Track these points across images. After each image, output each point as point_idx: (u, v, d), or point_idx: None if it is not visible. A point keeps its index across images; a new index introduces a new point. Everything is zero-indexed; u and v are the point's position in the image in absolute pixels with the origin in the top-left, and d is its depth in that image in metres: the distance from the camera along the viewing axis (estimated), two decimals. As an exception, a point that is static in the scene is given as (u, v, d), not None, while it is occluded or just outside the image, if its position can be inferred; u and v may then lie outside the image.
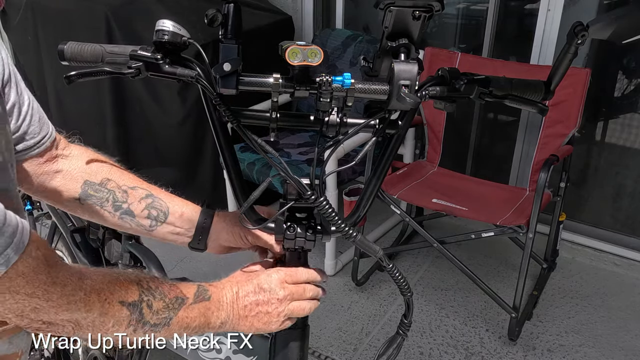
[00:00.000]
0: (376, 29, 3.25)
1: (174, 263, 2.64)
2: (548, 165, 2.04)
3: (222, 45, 0.75)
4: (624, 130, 2.79)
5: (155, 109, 2.79)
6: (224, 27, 0.74)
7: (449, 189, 2.37)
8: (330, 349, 2.16)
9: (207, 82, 0.79)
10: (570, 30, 0.87)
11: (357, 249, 2.45)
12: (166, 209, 0.96)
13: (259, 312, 0.83)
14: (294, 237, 0.86)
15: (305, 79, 0.77)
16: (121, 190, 0.95)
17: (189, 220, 0.97)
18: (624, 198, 2.82)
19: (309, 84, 0.77)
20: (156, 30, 0.76)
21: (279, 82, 0.77)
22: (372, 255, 0.86)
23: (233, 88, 0.76)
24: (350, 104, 0.78)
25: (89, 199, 0.94)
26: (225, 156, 0.85)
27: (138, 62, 0.77)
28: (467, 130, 3.01)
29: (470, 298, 2.43)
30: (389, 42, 0.78)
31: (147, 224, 0.96)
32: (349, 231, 0.80)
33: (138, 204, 0.95)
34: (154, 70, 0.78)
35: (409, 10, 0.75)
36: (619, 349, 2.16)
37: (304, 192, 0.79)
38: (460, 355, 2.14)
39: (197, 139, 2.77)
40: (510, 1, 2.80)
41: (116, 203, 0.94)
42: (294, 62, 0.72)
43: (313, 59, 0.72)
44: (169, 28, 0.76)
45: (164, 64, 0.78)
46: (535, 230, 2.05)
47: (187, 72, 0.78)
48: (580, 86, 2.22)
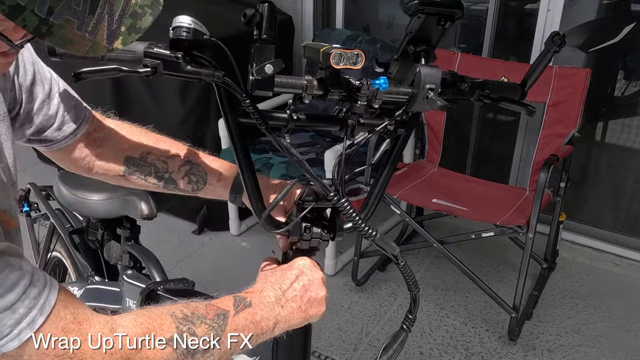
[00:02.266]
0: (376, 29, 3.25)
1: (173, 263, 2.64)
2: (548, 165, 2.04)
3: (258, 46, 0.72)
4: (624, 130, 2.79)
5: (155, 109, 2.79)
6: (258, 28, 0.72)
7: (449, 189, 2.37)
8: (330, 349, 2.16)
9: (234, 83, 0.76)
10: (549, 38, 0.92)
11: (357, 249, 2.45)
12: (204, 174, 0.99)
13: (310, 298, 0.82)
14: (310, 237, 0.86)
15: (337, 81, 0.77)
16: (160, 161, 0.98)
17: (226, 184, 1.00)
18: (624, 198, 2.82)
19: (340, 86, 0.78)
20: (174, 27, 0.73)
21: (312, 84, 0.76)
22: (388, 252, 0.86)
23: (270, 90, 0.75)
24: (377, 106, 0.79)
25: (132, 174, 0.98)
26: (241, 159, 0.84)
27: (155, 60, 0.73)
28: (467, 130, 3.01)
29: (470, 298, 2.43)
30: (412, 46, 0.81)
31: (189, 189, 0.99)
32: (368, 230, 0.81)
33: (178, 172, 0.98)
34: (172, 70, 0.74)
35: (435, 17, 0.78)
36: (619, 349, 2.16)
37: (328, 193, 0.80)
38: (460, 355, 2.14)
39: (197, 139, 2.77)
40: (510, 1, 2.80)
41: (158, 174, 0.98)
42: (338, 66, 0.71)
43: (356, 62, 0.72)
44: (190, 25, 0.72)
45: (185, 63, 0.74)
46: (535, 230, 2.04)
47: (213, 73, 0.75)
48: (580, 86, 2.22)
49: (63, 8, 0.51)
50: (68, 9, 0.51)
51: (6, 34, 0.56)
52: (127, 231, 1.35)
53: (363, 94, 0.76)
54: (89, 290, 1.35)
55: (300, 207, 0.84)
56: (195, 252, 2.78)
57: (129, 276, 1.25)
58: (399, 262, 0.87)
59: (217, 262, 2.69)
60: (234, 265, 2.64)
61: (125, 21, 0.56)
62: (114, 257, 1.34)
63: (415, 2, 0.76)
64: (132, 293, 1.17)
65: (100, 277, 1.44)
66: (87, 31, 0.53)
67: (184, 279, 1.16)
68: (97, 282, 1.40)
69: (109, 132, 0.99)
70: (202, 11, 2.55)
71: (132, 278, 1.24)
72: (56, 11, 0.51)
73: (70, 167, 0.99)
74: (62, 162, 0.98)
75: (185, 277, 1.18)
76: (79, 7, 0.52)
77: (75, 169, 0.99)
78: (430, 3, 0.77)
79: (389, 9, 3.23)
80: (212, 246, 2.83)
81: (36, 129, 0.88)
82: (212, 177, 1.00)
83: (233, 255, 2.74)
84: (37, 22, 0.51)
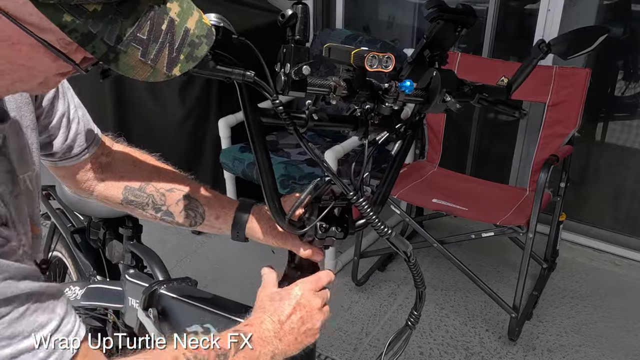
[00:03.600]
0: (376, 29, 3.25)
1: (174, 262, 2.64)
2: (548, 166, 2.04)
3: (293, 47, 0.72)
4: (624, 130, 2.79)
5: (155, 109, 2.79)
6: (292, 29, 0.73)
7: (449, 189, 2.37)
8: (330, 349, 2.16)
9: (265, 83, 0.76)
10: (535, 46, 0.99)
11: (357, 249, 2.45)
12: (202, 210, 0.99)
13: (307, 330, 0.84)
14: (324, 236, 0.86)
15: (364, 83, 0.78)
16: (159, 194, 0.98)
17: (224, 221, 0.99)
18: (624, 198, 2.82)
19: (366, 88, 0.79)
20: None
21: (340, 85, 0.77)
22: (400, 250, 0.87)
23: (304, 90, 0.75)
24: (397, 107, 0.81)
25: (130, 204, 0.98)
26: (260, 161, 0.83)
27: None
28: (467, 130, 3.01)
29: (470, 298, 2.43)
30: (429, 50, 0.85)
31: (187, 223, 0.99)
32: (384, 229, 0.82)
33: (176, 206, 0.98)
34: (202, 68, 0.73)
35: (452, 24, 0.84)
36: (619, 349, 2.16)
37: (348, 192, 0.81)
38: (460, 355, 2.14)
39: (197, 139, 2.78)
40: (510, 1, 2.80)
41: (156, 206, 0.98)
42: (372, 68, 0.73)
43: (387, 64, 0.74)
44: (220, 23, 0.72)
45: (214, 62, 0.74)
46: (535, 230, 2.05)
47: (244, 73, 0.74)
48: (580, 86, 2.23)
49: (130, 37, 0.54)
50: (134, 38, 0.55)
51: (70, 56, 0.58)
52: (129, 230, 1.35)
53: (390, 95, 0.78)
54: (91, 289, 1.35)
55: (318, 207, 0.84)
56: (195, 251, 2.78)
57: (131, 275, 1.25)
58: (411, 260, 0.89)
59: (217, 262, 2.69)
60: (234, 265, 2.64)
61: (184, 50, 0.59)
62: (116, 256, 1.34)
63: (435, 9, 0.82)
64: (135, 292, 1.17)
65: (102, 277, 1.44)
66: (150, 59, 0.57)
67: (187, 278, 1.17)
68: (99, 282, 1.40)
69: (114, 157, 1.00)
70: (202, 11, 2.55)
71: (135, 277, 1.24)
72: (124, 40, 0.54)
73: (72, 186, 1.00)
74: (65, 179, 0.99)
75: (188, 277, 1.18)
76: (144, 36, 0.55)
77: (77, 190, 1.00)
78: (449, 10, 0.83)
79: (389, 9, 3.23)
80: (212, 246, 2.83)
81: (49, 142, 0.89)
82: (210, 214, 0.99)
83: (233, 255, 2.74)
84: (105, 50, 0.54)
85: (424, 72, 0.83)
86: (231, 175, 2.69)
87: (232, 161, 2.60)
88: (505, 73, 2.73)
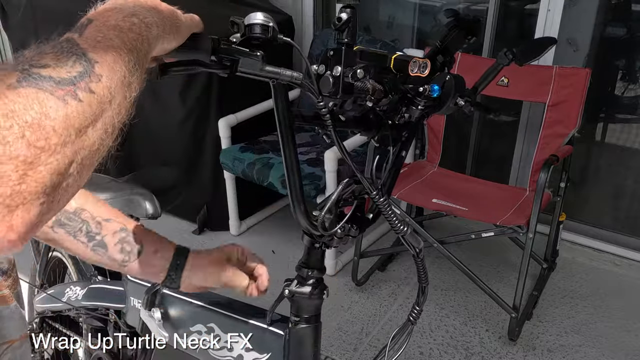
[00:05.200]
0: (376, 29, 3.25)
1: (174, 263, 2.64)
2: (548, 166, 2.05)
3: (343, 49, 0.73)
4: (624, 130, 2.80)
5: (155, 109, 2.79)
6: (340, 32, 0.73)
7: (449, 189, 2.37)
8: (330, 349, 2.16)
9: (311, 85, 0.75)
10: (501, 53, 1.13)
11: (357, 249, 2.45)
12: (140, 245, 0.92)
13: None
14: (343, 235, 0.86)
15: (396, 86, 0.81)
16: (95, 222, 0.92)
17: (162, 258, 0.93)
18: (624, 198, 2.82)
19: (398, 91, 0.81)
20: (251, 23, 0.69)
21: (377, 88, 0.77)
22: (413, 248, 0.89)
23: (352, 93, 0.75)
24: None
25: (62, 227, 0.91)
26: (289, 163, 0.82)
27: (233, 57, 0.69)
28: (467, 130, 3.01)
29: (470, 298, 2.44)
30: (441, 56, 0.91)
31: (120, 259, 0.92)
32: (401, 227, 0.83)
33: (112, 237, 0.91)
34: (250, 68, 0.71)
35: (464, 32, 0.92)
36: (619, 349, 2.17)
37: (371, 191, 0.82)
38: (460, 355, 2.14)
39: (197, 139, 2.78)
40: (510, 1, 2.80)
41: (90, 234, 0.91)
42: (413, 73, 0.77)
43: (425, 69, 0.79)
44: (269, 23, 0.69)
45: (263, 62, 0.71)
46: (535, 230, 2.05)
47: (292, 74, 0.73)
48: (580, 86, 2.23)
49: None
50: None
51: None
52: (129, 230, 1.34)
53: (422, 98, 0.81)
54: (92, 289, 1.35)
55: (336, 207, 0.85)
56: (196, 252, 2.78)
57: (132, 275, 1.25)
58: (419, 256, 0.90)
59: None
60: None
61: None
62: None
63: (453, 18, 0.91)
64: (137, 292, 1.17)
65: (103, 277, 1.44)
66: None
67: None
68: (100, 282, 1.40)
69: None
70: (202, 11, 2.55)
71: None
72: None
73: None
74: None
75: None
76: None
77: None
78: (465, 20, 0.94)
79: (389, 9, 3.24)
80: (212, 246, 2.81)
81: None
82: (148, 248, 0.92)
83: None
84: None
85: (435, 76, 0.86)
86: (231, 175, 2.70)
87: (232, 161, 2.60)
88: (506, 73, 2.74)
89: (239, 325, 0.98)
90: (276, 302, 0.93)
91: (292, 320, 0.92)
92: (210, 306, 1.03)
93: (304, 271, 0.90)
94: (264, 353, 0.96)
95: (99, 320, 1.40)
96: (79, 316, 1.49)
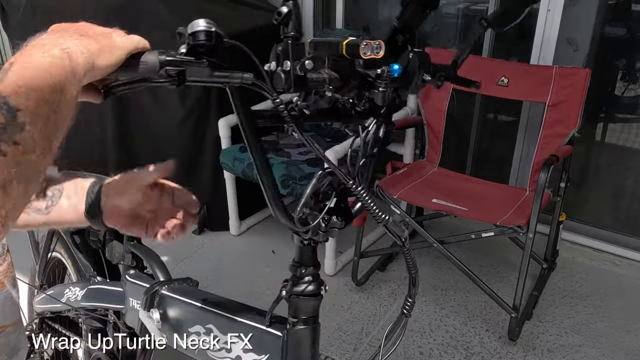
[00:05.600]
0: (376, 29, 3.25)
1: (175, 263, 2.65)
2: (548, 165, 2.04)
3: (289, 43, 0.72)
4: (624, 130, 2.79)
5: (155, 109, 2.79)
6: (287, 25, 0.72)
7: (449, 189, 2.37)
8: (330, 349, 2.16)
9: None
10: (476, 23, 1.09)
11: (357, 249, 2.45)
12: (61, 187, 0.88)
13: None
14: (328, 229, 0.86)
15: (354, 72, 0.79)
16: None
17: (82, 187, 0.89)
18: (624, 198, 2.82)
19: (356, 77, 0.80)
20: (194, 31, 0.69)
21: (333, 76, 0.77)
22: (398, 237, 0.88)
23: (306, 86, 0.75)
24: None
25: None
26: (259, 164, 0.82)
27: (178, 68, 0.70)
28: (467, 130, 3.01)
29: (470, 298, 2.43)
30: (401, 35, 0.86)
31: (43, 206, 0.87)
32: (382, 215, 0.83)
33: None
34: (198, 76, 0.71)
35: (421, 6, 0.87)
36: (619, 349, 2.17)
37: (348, 182, 0.82)
38: (460, 355, 2.14)
39: (197, 139, 2.77)
40: (510, 1, 2.80)
41: None
42: (366, 56, 0.73)
43: (379, 51, 0.74)
44: (212, 28, 0.69)
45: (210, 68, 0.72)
46: (535, 230, 2.05)
47: (242, 75, 0.72)
48: (580, 86, 2.23)
49: None
50: None
51: None
52: (129, 231, 1.34)
53: (382, 80, 0.79)
54: (92, 290, 1.35)
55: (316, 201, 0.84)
56: (196, 252, 2.78)
57: (132, 276, 1.25)
58: (405, 245, 0.90)
59: (218, 262, 2.69)
60: (235, 266, 2.64)
61: None
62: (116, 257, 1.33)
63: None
64: (136, 293, 1.17)
65: (102, 278, 1.44)
66: None
67: (188, 278, 1.16)
68: (99, 283, 1.40)
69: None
70: (202, 10, 2.55)
71: (136, 278, 1.23)
72: None
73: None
74: None
75: (189, 277, 1.18)
76: None
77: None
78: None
79: (389, 9, 3.23)
80: (212, 246, 2.83)
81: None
82: (68, 188, 0.88)
83: (233, 255, 2.74)
84: None
85: (399, 56, 0.84)
86: (231, 175, 2.70)
87: (232, 161, 2.59)
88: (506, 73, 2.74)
89: (238, 326, 0.98)
90: (275, 303, 0.92)
91: (290, 321, 0.92)
92: (209, 307, 1.03)
93: (298, 270, 0.90)
94: (263, 354, 0.95)
95: (98, 321, 1.40)
96: (79, 317, 1.49)
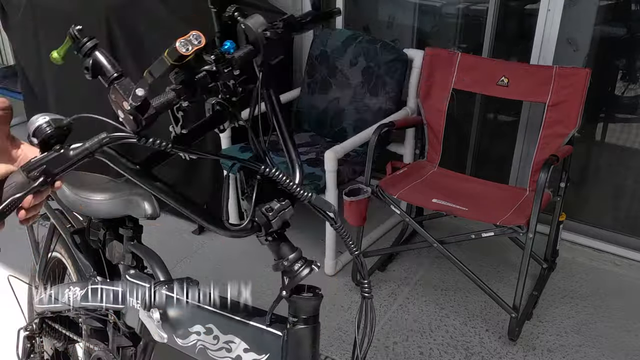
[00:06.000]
0: (376, 29, 3.25)
1: (174, 263, 2.65)
2: (548, 165, 2.04)
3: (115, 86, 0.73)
4: (624, 130, 2.79)
5: (155, 109, 2.79)
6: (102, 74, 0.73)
7: (449, 189, 2.37)
8: (330, 349, 2.16)
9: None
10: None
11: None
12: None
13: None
14: (277, 215, 0.86)
15: (193, 67, 0.77)
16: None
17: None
18: (624, 198, 2.82)
19: (201, 74, 0.78)
20: (35, 128, 0.71)
21: (179, 87, 0.76)
22: (325, 212, 0.90)
23: (155, 117, 0.77)
24: (239, 70, 0.80)
25: None
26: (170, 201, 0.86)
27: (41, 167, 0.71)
28: (467, 130, 3.01)
29: (470, 298, 2.44)
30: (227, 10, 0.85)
31: None
32: (302, 192, 0.85)
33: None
34: (64, 163, 0.73)
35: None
36: (619, 349, 2.17)
37: (258, 168, 0.84)
38: (460, 355, 2.14)
39: (197, 139, 2.77)
40: (510, 1, 2.80)
41: None
42: (188, 52, 0.70)
43: (199, 41, 0.71)
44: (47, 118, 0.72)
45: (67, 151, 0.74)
46: (535, 230, 2.05)
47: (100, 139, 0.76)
48: (580, 86, 2.23)
49: None
50: None
51: None
52: (129, 231, 1.34)
53: (224, 63, 0.78)
54: (92, 290, 1.35)
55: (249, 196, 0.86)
56: (196, 252, 2.78)
57: (132, 276, 1.25)
58: (336, 223, 0.91)
59: (218, 262, 2.69)
60: (235, 265, 2.65)
61: None
62: (116, 257, 1.33)
63: None
64: (136, 293, 1.17)
65: (102, 278, 1.44)
66: None
67: (188, 279, 1.16)
68: (99, 282, 1.40)
69: None
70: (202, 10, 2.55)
71: (136, 278, 1.23)
72: None
73: None
74: None
75: (189, 277, 1.18)
76: None
77: None
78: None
79: (389, 9, 3.23)
80: (213, 246, 2.83)
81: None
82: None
83: (233, 255, 2.74)
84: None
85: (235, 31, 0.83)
86: (231, 175, 2.69)
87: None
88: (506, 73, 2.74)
89: (238, 326, 0.98)
90: (275, 302, 0.93)
91: (290, 321, 0.92)
92: (209, 307, 1.03)
93: (280, 265, 0.90)
94: (263, 354, 0.95)
95: (99, 321, 1.40)
96: (79, 317, 1.49)
